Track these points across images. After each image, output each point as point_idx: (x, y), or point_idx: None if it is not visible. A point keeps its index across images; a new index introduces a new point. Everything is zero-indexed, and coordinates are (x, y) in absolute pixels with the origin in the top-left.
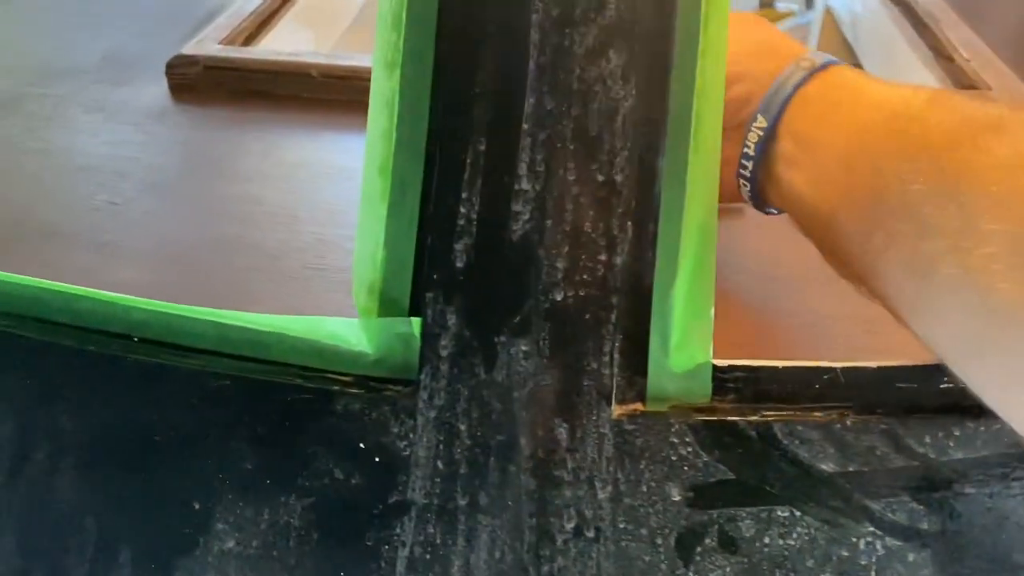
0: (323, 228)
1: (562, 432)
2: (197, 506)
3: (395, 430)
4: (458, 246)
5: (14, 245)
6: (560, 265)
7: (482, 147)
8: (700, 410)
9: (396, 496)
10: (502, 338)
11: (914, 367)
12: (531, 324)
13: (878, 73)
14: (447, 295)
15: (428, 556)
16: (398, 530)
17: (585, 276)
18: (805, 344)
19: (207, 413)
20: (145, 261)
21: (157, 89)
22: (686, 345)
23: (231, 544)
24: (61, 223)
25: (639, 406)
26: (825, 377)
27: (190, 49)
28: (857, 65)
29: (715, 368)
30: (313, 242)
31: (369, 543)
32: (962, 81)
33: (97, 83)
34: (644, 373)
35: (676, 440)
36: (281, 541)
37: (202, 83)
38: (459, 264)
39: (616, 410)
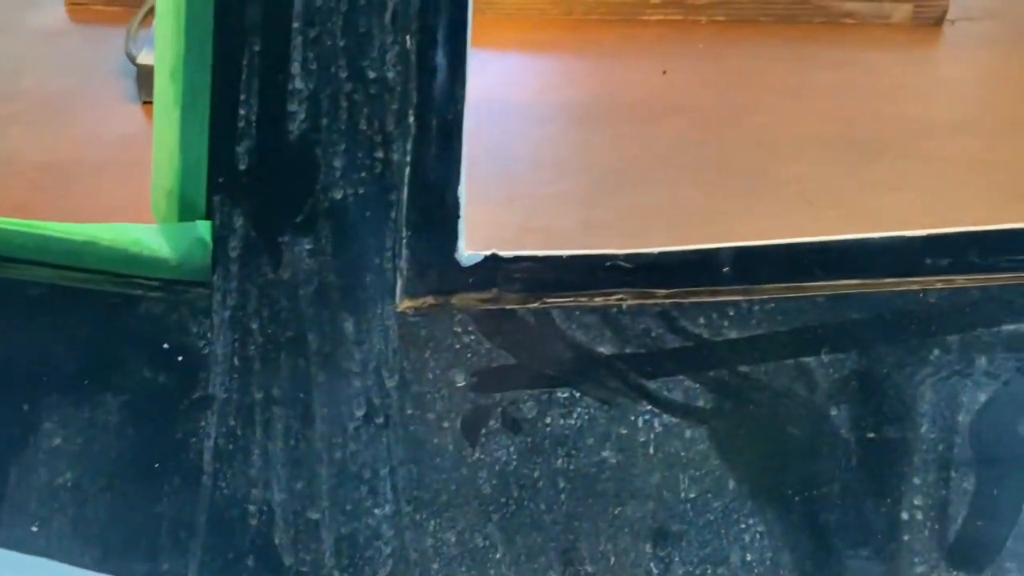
0: None
1: (348, 326)
2: (26, 407)
3: (194, 330)
4: (240, 148)
5: None
6: (338, 164)
7: (256, 47)
8: (483, 300)
9: (199, 392)
10: (286, 238)
11: (694, 250)
12: (314, 223)
13: None
14: (233, 197)
15: (231, 447)
16: (203, 423)
17: (363, 174)
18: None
19: (29, 320)
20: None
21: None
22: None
23: (58, 441)
24: None
25: (426, 300)
26: (607, 264)
27: None
28: None
29: (501, 259)
30: None
31: (179, 436)
32: None
33: None
34: (430, 267)
35: (459, 329)
36: (102, 436)
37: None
38: (242, 166)
39: (401, 303)
